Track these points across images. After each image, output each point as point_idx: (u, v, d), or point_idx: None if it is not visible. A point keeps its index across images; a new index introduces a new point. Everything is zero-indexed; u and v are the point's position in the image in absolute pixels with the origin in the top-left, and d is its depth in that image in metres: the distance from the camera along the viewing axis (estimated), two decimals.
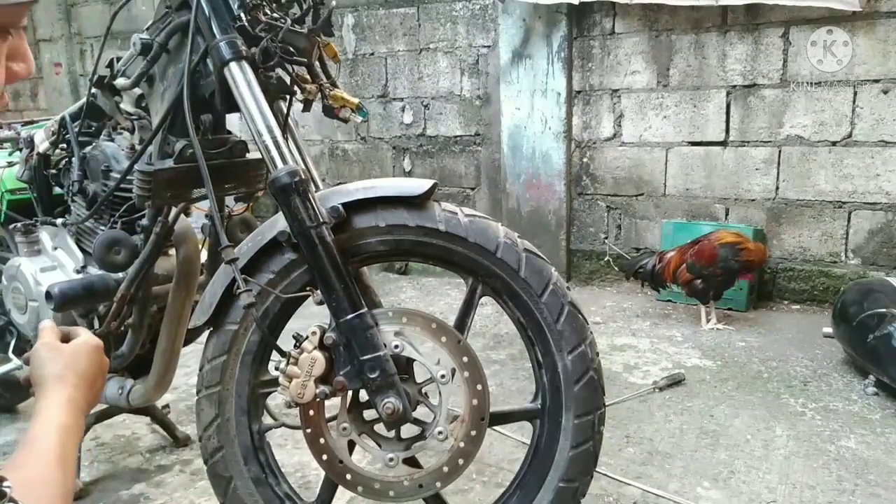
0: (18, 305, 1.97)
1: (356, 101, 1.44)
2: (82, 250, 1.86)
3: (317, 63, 1.47)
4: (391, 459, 1.37)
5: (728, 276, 3.17)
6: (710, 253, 3.15)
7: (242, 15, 1.33)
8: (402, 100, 4.47)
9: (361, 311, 1.29)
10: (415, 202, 1.33)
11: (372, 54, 4.50)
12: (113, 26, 1.59)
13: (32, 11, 5.93)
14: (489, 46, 4.12)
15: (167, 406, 2.35)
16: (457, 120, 4.32)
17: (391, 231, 1.34)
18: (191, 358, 2.17)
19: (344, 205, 1.31)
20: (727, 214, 3.66)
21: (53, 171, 1.90)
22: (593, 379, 1.35)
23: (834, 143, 3.37)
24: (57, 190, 1.97)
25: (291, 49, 1.36)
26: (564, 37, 3.78)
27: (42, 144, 1.89)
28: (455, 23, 4.20)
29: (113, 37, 1.64)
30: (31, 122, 2.35)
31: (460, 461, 1.35)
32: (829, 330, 2.97)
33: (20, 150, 2.03)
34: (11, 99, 6.64)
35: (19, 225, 1.95)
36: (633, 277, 3.51)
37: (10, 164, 2.19)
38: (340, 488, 1.42)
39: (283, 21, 1.37)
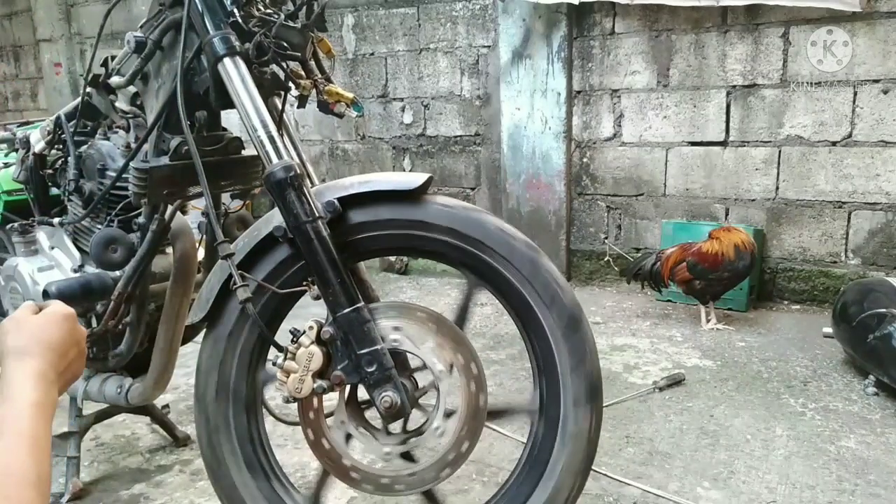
0: (16, 305, 1.96)
1: (351, 95, 1.44)
2: (79, 249, 1.86)
3: (311, 58, 1.47)
4: (388, 453, 1.37)
5: (732, 279, 3.16)
6: (712, 259, 3.13)
7: (236, 11, 1.33)
8: (402, 100, 4.46)
9: (358, 305, 1.29)
10: (410, 196, 1.32)
11: (372, 54, 4.50)
12: (112, 26, 1.59)
13: (33, 12, 5.96)
14: (489, 46, 4.12)
15: (167, 406, 2.34)
16: (457, 120, 4.32)
17: (387, 225, 1.33)
18: (190, 358, 2.16)
19: (339, 199, 1.31)
20: (727, 214, 3.65)
21: (49, 171, 1.90)
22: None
23: (834, 144, 3.36)
24: (53, 190, 1.97)
25: (285, 44, 1.36)
26: (564, 37, 3.78)
27: (38, 145, 1.89)
28: (455, 23, 4.19)
29: (113, 37, 1.64)
30: (28, 123, 2.36)
31: (455, 456, 1.34)
32: (829, 330, 2.96)
33: (16, 150, 2.03)
34: (11, 99, 6.66)
35: (16, 225, 1.95)
36: (633, 279, 3.49)
37: (7, 165, 2.20)
38: (341, 486, 1.42)
39: (276, 16, 1.37)
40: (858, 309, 2.61)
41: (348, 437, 1.39)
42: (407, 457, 1.43)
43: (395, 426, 1.40)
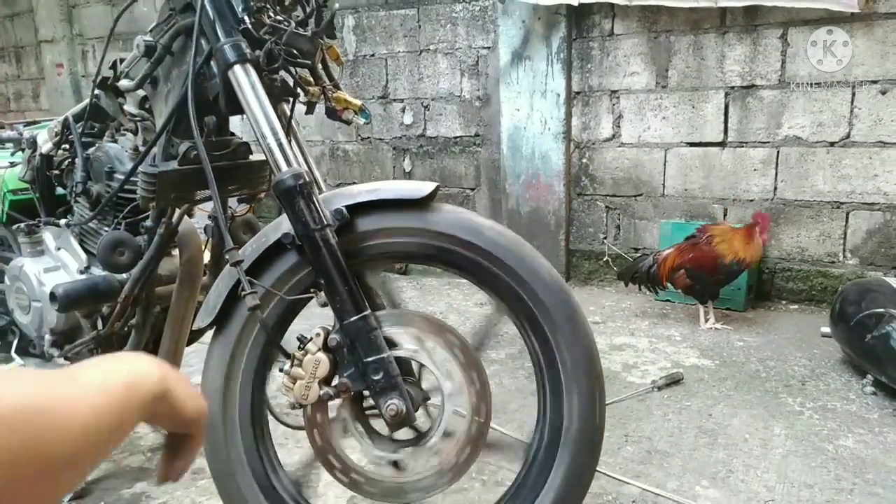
0: (22, 306, 1.98)
1: (359, 102, 1.46)
2: (86, 251, 1.87)
3: (319, 65, 1.48)
4: (378, 458, 1.38)
5: (729, 278, 3.19)
6: (710, 264, 3.15)
7: (246, 18, 1.34)
8: (402, 101, 4.47)
9: (365, 312, 1.30)
10: (418, 205, 1.34)
11: (372, 55, 4.51)
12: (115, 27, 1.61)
13: (34, 13, 5.97)
14: (489, 48, 4.13)
15: None
16: (457, 121, 4.33)
17: (394, 233, 1.34)
18: (193, 358, 2.19)
19: (347, 207, 1.32)
20: (725, 215, 3.67)
21: (56, 172, 1.91)
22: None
23: (832, 144, 3.38)
24: (59, 190, 1.98)
25: (295, 52, 1.38)
26: (564, 38, 3.79)
27: (45, 145, 1.90)
28: (455, 24, 4.21)
29: (115, 38, 1.65)
30: (34, 123, 2.36)
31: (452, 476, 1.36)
32: (827, 330, 2.97)
33: (23, 150, 2.04)
34: (14, 99, 6.66)
35: (23, 225, 1.96)
36: (630, 282, 3.50)
37: (13, 165, 2.20)
38: (341, 486, 1.43)
39: (286, 24, 1.38)
40: (856, 309, 2.63)
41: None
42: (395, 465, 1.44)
43: (385, 430, 1.41)
